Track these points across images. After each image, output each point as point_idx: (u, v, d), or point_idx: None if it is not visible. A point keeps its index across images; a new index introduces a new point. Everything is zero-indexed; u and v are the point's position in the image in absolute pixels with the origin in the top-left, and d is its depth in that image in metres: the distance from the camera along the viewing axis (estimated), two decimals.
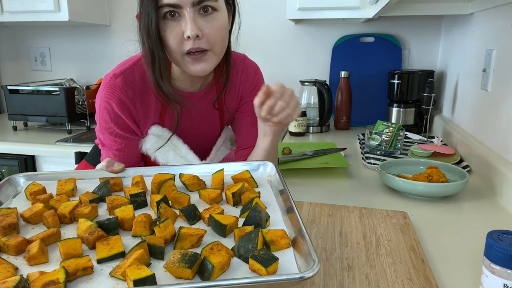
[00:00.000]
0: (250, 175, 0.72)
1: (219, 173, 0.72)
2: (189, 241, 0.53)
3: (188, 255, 0.47)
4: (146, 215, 0.57)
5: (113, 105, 0.83)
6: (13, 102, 1.78)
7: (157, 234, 0.54)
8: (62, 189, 0.68)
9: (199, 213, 0.61)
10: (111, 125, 0.85)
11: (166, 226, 0.55)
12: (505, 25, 1.03)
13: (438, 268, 0.64)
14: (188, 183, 0.71)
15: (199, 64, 0.78)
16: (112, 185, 0.70)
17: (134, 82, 0.84)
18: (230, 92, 0.95)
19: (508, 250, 0.45)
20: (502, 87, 1.03)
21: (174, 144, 0.90)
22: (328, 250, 0.66)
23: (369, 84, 1.80)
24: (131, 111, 0.85)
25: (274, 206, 0.64)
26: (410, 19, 1.76)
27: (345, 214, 0.81)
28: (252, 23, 1.90)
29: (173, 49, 0.76)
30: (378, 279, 0.58)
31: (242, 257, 0.50)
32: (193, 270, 0.46)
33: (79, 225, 0.56)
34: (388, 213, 0.81)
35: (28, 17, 1.78)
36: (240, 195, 0.66)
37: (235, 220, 0.57)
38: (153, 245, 0.51)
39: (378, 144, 1.29)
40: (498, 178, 0.95)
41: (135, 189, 0.67)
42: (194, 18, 0.74)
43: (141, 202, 0.65)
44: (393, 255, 0.65)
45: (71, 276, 0.46)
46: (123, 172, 0.75)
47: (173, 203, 0.65)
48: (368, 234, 0.72)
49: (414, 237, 0.70)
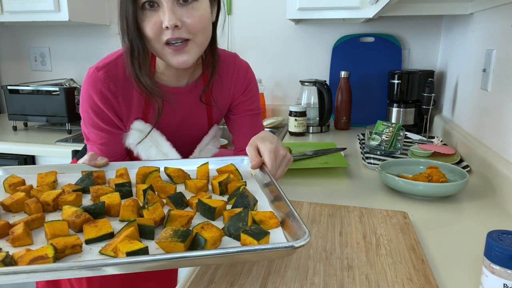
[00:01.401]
0: (235, 168, 0.73)
1: (204, 166, 0.73)
2: (179, 222, 0.53)
3: (180, 231, 0.48)
4: (133, 199, 0.57)
5: (95, 98, 0.82)
6: (13, 102, 1.78)
7: (146, 217, 0.54)
8: (43, 181, 0.66)
9: (186, 200, 0.62)
10: (94, 118, 0.85)
11: (155, 208, 0.55)
12: (505, 25, 1.03)
13: (438, 268, 0.64)
14: (174, 175, 0.72)
15: (180, 56, 0.76)
16: (95, 177, 0.69)
17: (116, 76, 0.83)
18: (220, 89, 0.94)
19: (508, 250, 0.45)
20: (502, 87, 1.03)
21: (156, 141, 0.89)
22: (328, 250, 0.66)
23: (369, 84, 1.80)
24: (113, 105, 0.84)
25: (260, 195, 0.66)
26: (410, 19, 1.76)
27: (345, 214, 0.81)
28: (252, 23, 1.90)
29: (152, 39, 0.75)
30: (378, 279, 0.58)
31: (233, 235, 0.51)
32: (186, 245, 0.46)
33: (64, 211, 0.55)
34: (388, 213, 0.81)
35: (28, 17, 1.78)
36: (226, 184, 0.67)
37: (224, 203, 0.58)
38: (143, 225, 0.50)
39: (378, 144, 1.29)
40: (498, 178, 0.95)
41: (119, 179, 0.66)
42: (172, 8, 0.72)
43: (126, 192, 0.64)
44: (393, 255, 0.65)
45: (60, 254, 0.45)
46: (106, 166, 0.75)
47: (159, 192, 0.65)
48: (368, 234, 0.72)
49: (414, 237, 0.70)
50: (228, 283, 0.57)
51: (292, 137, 1.63)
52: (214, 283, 0.57)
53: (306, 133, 1.66)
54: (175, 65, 0.78)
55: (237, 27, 1.92)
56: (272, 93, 1.97)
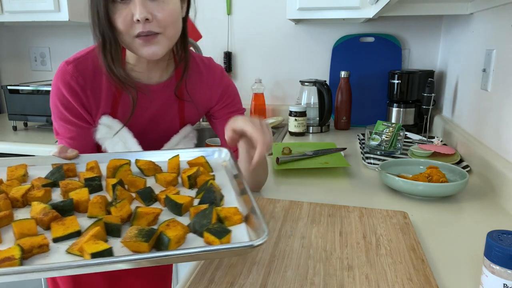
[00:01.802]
0: (205, 160, 0.74)
1: (175, 159, 0.73)
2: (145, 219, 0.54)
3: (145, 230, 0.48)
4: (101, 196, 0.57)
5: (64, 91, 0.83)
6: (13, 102, 1.78)
7: (114, 214, 0.54)
8: (13, 175, 0.66)
9: (155, 194, 0.62)
10: (62, 111, 0.85)
11: (122, 206, 0.55)
12: (505, 25, 1.03)
13: (438, 268, 0.64)
14: (144, 168, 0.72)
15: (150, 47, 0.77)
16: (65, 170, 0.69)
17: (86, 70, 0.83)
18: (196, 87, 0.93)
19: (508, 250, 0.45)
20: (502, 87, 1.03)
21: (124, 137, 0.89)
22: (328, 250, 0.66)
23: (369, 84, 1.80)
24: (81, 98, 0.85)
25: (228, 188, 0.67)
26: (410, 19, 1.76)
27: (345, 214, 0.81)
28: (252, 23, 1.90)
29: (123, 32, 0.75)
30: (378, 279, 0.58)
31: (197, 232, 0.52)
32: (150, 244, 0.47)
33: (33, 207, 0.55)
34: (388, 213, 0.81)
35: (28, 17, 1.78)
36: (196, 178, 0.67)
37: (191, 199, 0.59)
38: (109, 223, 0.51)
39: (378, 144, 1.29)
40: (498, 178, 0.95)
41: (89, 173, 0.66)
42: (143, 2, 0.73)
43: (96, 186, 0.64)
44: (393, 255, 0.65)
45: (27, 254, 0.45)
46: (77, 158, 0.75)
47: (129, 186, 0.65)
48: (368, 234, 0.72)
49: (414, 237, 0.70)
50: (228, 283, 0.57)
51: (292, 137, 1.63)
52: (214, 283, 0.57)
53: (306, 133, 1.66)
54: (145, 56, 0.78)
55: (237, 27, 1.92)
56: (272, 93, 1.97)
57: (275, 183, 1.07)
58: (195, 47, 1.67)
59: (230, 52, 1.94)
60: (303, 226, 0.75)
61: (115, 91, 0.86)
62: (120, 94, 0.86)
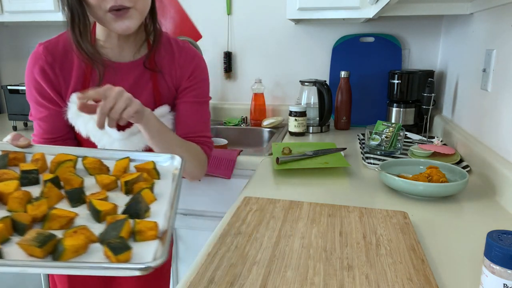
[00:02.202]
0: (153, 166, 0.71)
1: (123, 161, 0.71)
2: (57, 222, 0.53)
3: (43, 235, 0.48)
4: (25, 192, 0.56)
5: (34, 72, 0.85)
6: (13, 102, 1.78)
7: (29, 212, 0.53)
8: None
9: (84, 196, 0.60)
10: (33, 92, 0.87)
11: (39, 205, 0.54)
12: (505, 25, 1.03)
13: (438, 268, 0.64)
14: (89, 167, 0.70)
15: (123, 22, 0.78)
16: (11, 159, 0.68)
17: (55, 49, 0.85)
18: (165, 62, 0.92)
19: (508, 250, 0.45)
20: (502, 87, 1.03)
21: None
22: (328, 250, 0.66)
23: (369, 84, 1.80)
24: (50, 78, 0.85)
25: (165, 198, 0.64)
26: (410, 19, 1.76)
27: (345, 214, 0.81)
28: (252, 23, 1.90)
29: (95, 6, 0.76)
30: (378, 279, 0.58)
31: (104, 243, 0.51)
32: (45, 250, 0.47)
33: None
34: (388, 213, 0.81)
35: (28, 17, 1.78)
36: (133, 184, 0.65)
37: (113, 207, 0.57)
38: (17, 221, 0.51)
39: (378, 144, 1.29)
40: (498, 178, 0.95)
41: (30, 165, 0.65)
42: None
43: (32, 179, 0.63)
44: (393, 255, 0.65)
45: None
46: (30, 148, 0.74)
47: (65, 184, 0.64)
48: (368, 234, 0.72)
49: (414, 237, 0.70)
50: (228, 283, 0.57)
51: (292, 137, 1.63)
52: (214, 283, 0.57)
53: (306, 133, 1.66)
54: (117, 30, 0.79)
55: (237, 27, 1.92)
56: (272, 93, 1.97)
57: (275, 183, 1.07)
58: (196, 47, 1.67)
59: (230, 52, 1.94)
60: (303, 226, 0.75)
61: (85, 68, 0.86)
62: (90, 72, 0.86)
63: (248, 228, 0.75)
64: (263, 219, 0.79)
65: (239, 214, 0.81)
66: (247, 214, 0.81)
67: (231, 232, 0.73)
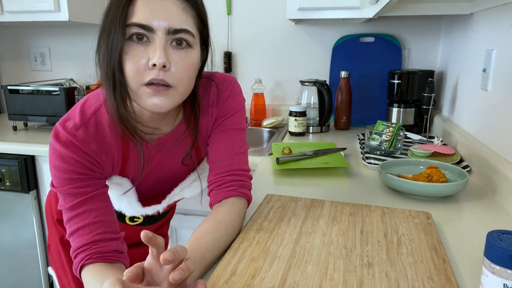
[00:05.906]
0: None
1: None
2: None
3: None
4: None
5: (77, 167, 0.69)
6: (13, 102, 1.78)
7: None
8: None
9: None
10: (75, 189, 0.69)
11: None
12: (505, 25, 1.03)
13: None
14: None
15: (157, 97, 0.65)
16: None
17: (96, 132, 0.71)
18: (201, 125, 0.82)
19: (508, 250, 0.45)
20: (502, 87, 1.03)
21: (128, 194, 0.82)
22: (349, 248, 0.67)
23: (369, 84, 1.80)
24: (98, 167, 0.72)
25: None
26: (410, 19, 1.76)
27: (367, 213, 0.81)
28: (252, 23, 1.90)
29: (131, 76, 0.64)
30: (398, 277, 0.58)
31: None
32: None
33: None
34: (411, 213, 0.81)
35: (28, 17, 1.78)
36: None
37: None
38: None
39: (378, 144, 1.29)
40: (498, 178, 0.95)
41: None
42: (165, 47, 0.64)
43: None
44: (414, 254, 0.65)
45: None
46: None
47: None
48: (389, 233, 0.72)
49: (436, 237, 0.70)
50: (250, 276, 0.58)
51: (292, 137, 1.63)
52: (236, 275, 0.59)
53: (306, 133, 1.66)
54: (149, 107, 0.66)
55: (237, 27, 1.92)
56: (272, 93, 1.97)
57: (275, 183, 1.07)
58: None
59: (230, 52, 1.94)
60: (324, 224, 0.76)
61: (122, 147, 0.75)
62: (127, 150, 0.76)
63: (270, 225, 0.76)
64: (285, 216, 0.80)
65: (261, 211, 0.82)
66: (269, 211, 0.82)
67: (254, 228, 0.74)
